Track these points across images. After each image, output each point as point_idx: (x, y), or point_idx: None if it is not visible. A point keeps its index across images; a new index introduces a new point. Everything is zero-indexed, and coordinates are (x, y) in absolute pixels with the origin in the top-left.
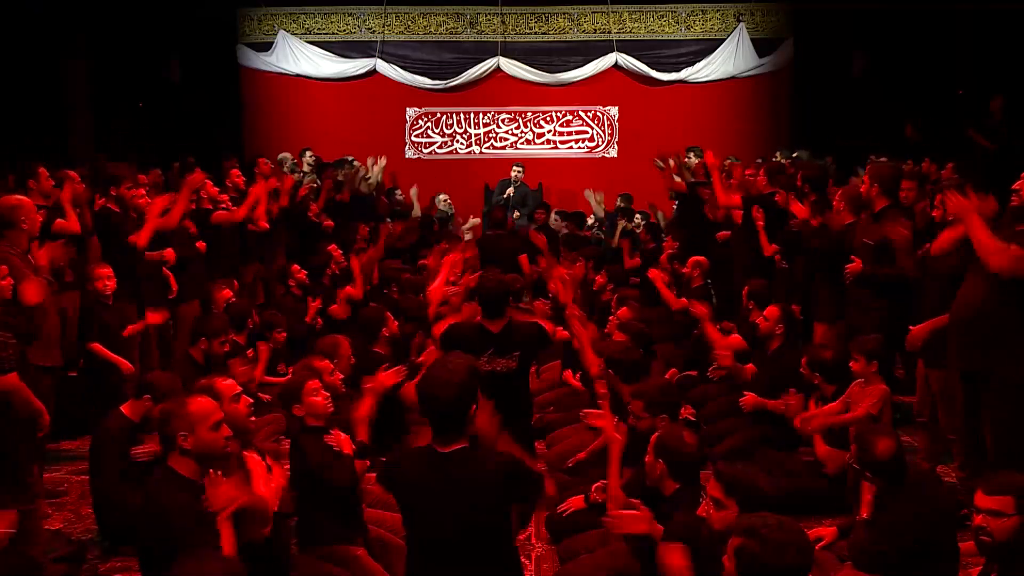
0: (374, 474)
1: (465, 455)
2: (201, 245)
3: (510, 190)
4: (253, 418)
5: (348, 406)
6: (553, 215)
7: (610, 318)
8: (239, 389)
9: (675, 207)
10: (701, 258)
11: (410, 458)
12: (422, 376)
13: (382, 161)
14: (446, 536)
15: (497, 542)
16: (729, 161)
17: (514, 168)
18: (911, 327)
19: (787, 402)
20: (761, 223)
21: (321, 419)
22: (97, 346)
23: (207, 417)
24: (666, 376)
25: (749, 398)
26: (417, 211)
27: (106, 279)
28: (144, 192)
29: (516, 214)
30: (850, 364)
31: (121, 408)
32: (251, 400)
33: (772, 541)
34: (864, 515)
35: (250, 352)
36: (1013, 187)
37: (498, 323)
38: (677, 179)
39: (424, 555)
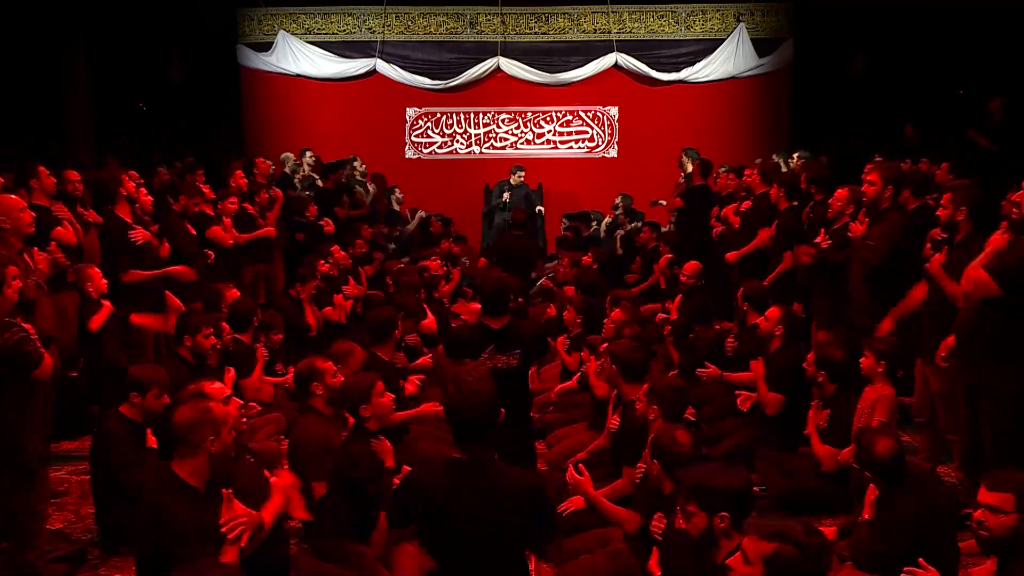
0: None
1: (488, 463)
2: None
3: (507, 195)
4: (245, 419)
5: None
6: (563, 219)
7: (605, 321)
8: (229, 392)
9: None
10: (696, 263)
11: (428, 470)
12: (449, 388)
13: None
14: (468, 545)
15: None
16: (723, 170)
17: (515, 173)
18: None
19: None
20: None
21: (384, 421)
22: (138, 317)
23: (227, 419)
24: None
25: (744, 397)
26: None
27: (97, 281)
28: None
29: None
30: (860, 360)
31: (119, 408)
32: (240, 402)
33: (811, 546)
34: (867, 516)
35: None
36: (1013, 198)
37: (499, 320)
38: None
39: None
